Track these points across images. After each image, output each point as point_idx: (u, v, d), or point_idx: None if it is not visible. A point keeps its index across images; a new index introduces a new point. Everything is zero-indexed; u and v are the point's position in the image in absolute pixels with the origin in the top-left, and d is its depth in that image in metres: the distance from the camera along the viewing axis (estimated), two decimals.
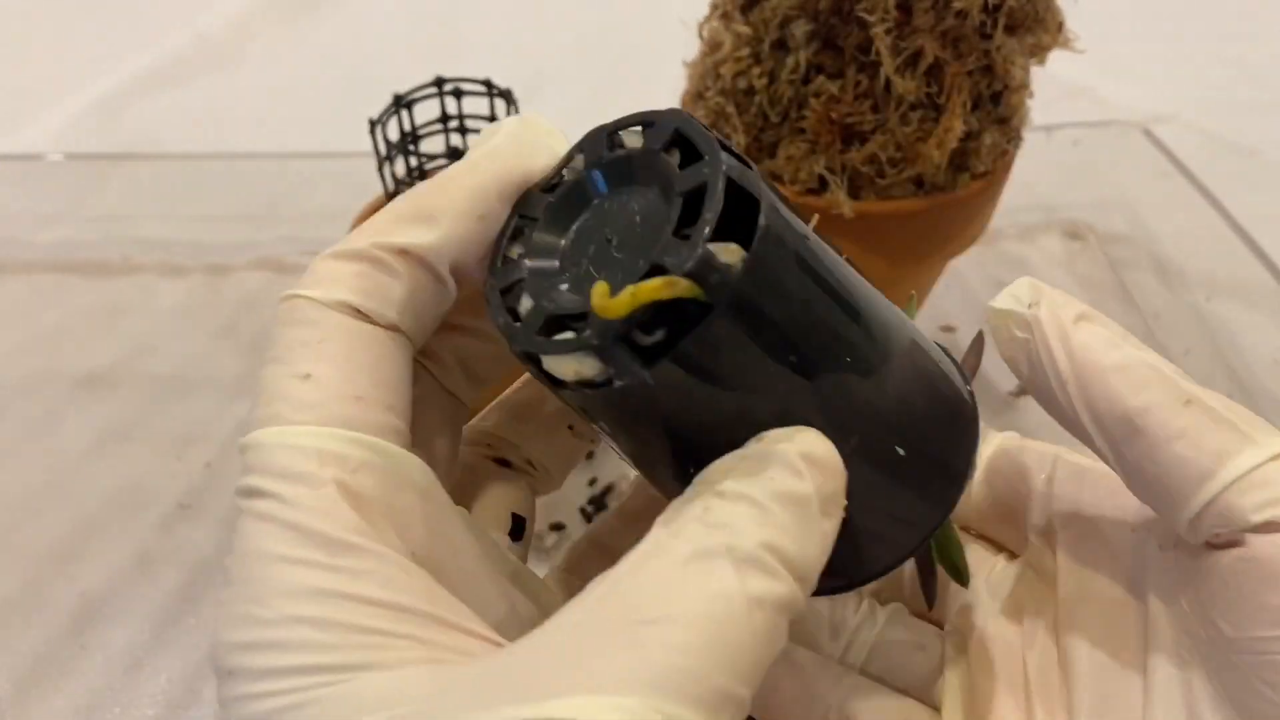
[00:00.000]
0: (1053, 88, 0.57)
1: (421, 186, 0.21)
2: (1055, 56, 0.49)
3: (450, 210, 0.21)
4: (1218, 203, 0.67)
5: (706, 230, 0.19)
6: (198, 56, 0.98)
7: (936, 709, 0.27)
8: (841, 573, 0.24)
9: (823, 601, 0.28)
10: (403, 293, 0.21)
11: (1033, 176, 0.62)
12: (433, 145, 0.52)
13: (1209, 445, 0.20)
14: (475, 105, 0.52)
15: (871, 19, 0.43)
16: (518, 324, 0.21)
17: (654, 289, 0.18)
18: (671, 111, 0.21)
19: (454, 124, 0.53)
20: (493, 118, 0.51)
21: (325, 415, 0.19)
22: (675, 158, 0.21)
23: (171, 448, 0.58)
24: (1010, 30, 0.46)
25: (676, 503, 0.20)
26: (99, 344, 0.65)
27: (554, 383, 0.21)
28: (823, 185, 0.48)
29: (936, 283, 0.60)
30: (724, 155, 0.20)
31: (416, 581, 0.18)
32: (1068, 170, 0.75)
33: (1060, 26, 0.48)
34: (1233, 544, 0.20)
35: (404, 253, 0.21)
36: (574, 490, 0.54)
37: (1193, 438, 0.21)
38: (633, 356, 0.19)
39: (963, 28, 0.44)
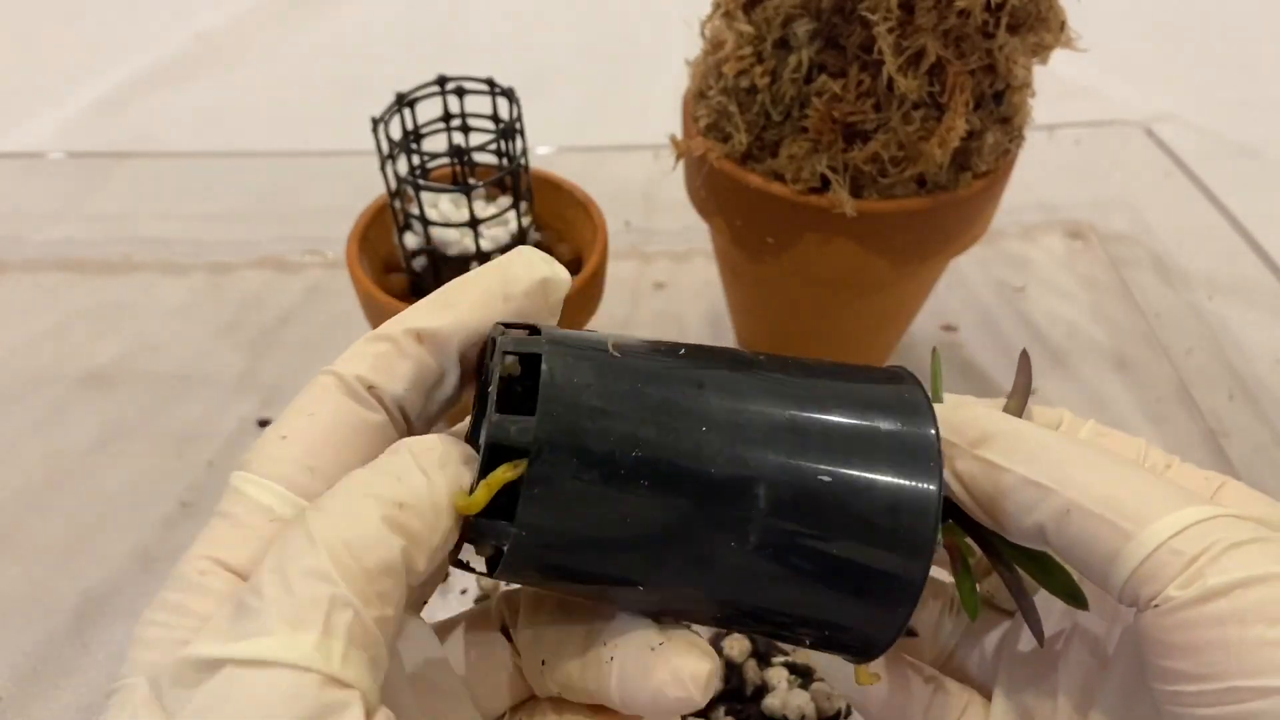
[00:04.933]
0: (1055, 87, 0.57)
1: (448, 285, 0.25)
2: (1057, 56, 0.49)
3: (464, 301, 0.24)
4: (1219, 202, 0.67)
5: (492, 406, 0.22)
6: (199, 55, 0.98)
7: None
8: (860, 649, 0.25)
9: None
10: (411, 371, 0.24)
11: (1034, 176, 0.62)
12: (435, 144, 0.52)
13: (1098, 552, 0.23)
14: (477, 104, 0.52)
15: (874, 18, 0.43)
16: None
17: (502, 474, 0.21)
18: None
19: (456, 123, 0.53)
20: (494, 116, 0.51)
21: (278, 474, 0.22)
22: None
23: (173, 446, 0.59)
24: (1013, 29, 0.45)
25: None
26: (100, 342, 0.65)
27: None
28: (825, 184, 0.48)
29: (938, 282, 0.60)
30: (504, 339, 0.23)
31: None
32: (1069, 169, 0.76)
33: (1063, 26, 0.47)
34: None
35: (419, 336, 0.24)
36: None
37: (1085, 546, 0.23)
38: (497, 523, 0.22)
39: (965, 27, 0.44)
